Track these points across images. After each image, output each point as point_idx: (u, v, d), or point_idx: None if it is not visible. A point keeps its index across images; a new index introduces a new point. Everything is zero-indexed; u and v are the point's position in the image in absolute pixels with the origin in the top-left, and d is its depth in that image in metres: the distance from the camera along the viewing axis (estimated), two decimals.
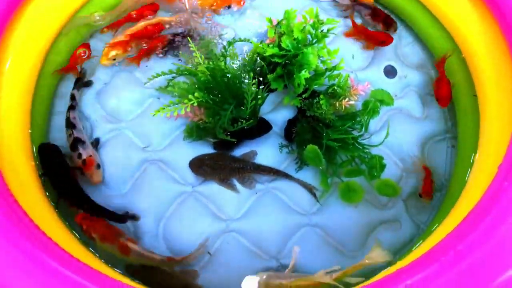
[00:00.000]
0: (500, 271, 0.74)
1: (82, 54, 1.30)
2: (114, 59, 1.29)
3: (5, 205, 0.85)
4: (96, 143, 1.22)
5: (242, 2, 1.38)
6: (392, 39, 1.31)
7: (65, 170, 1.14)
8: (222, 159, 1.18)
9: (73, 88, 1.26)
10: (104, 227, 1.08)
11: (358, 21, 1.38)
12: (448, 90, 1.23)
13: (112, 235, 1.07)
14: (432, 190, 1.17)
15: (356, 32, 1.35)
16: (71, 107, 1.22)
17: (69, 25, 1.27)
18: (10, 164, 1.00)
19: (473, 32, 1.16)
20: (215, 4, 1.36)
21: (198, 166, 1.18)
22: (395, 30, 1.35)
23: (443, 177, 1.22)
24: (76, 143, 1.16)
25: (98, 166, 1.17)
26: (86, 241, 1.08)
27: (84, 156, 1.15)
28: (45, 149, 1.16)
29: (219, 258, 1.12)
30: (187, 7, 1.28)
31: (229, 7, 1.38)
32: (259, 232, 1.14)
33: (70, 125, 1.19)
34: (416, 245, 1.02)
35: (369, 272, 1.04)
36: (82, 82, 1.28)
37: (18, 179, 0.99)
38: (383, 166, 1.11)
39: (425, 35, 1.35)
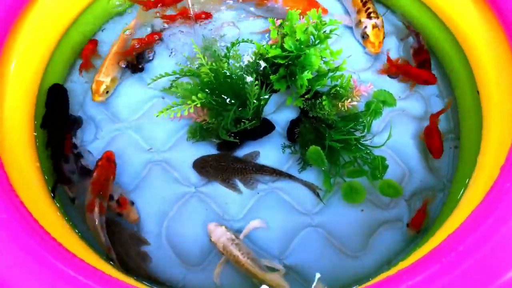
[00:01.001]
0: (501, 273, 0.74)
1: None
2: (107, 92, 1.26)
3: (10, 205, 0.86)
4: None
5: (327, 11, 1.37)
6: (435, 80, 1.25)
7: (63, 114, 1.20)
8: (225, 160, 1.18)
9: (72, 136, 1.19)
10: (104, 177, 1.10)
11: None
12: (440, 140, 1.19)
13: (97, 188, 1.08)
14: (422, 224, 1.13)
15: (394, 70, 1.31)
16: (79, 156, 1.17)
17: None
18: (15, 166, 1.01)
19: (475, 31, 1.15)
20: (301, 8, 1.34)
21: (201, 166, 1.19)
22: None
23: (445, 178, 1.21)
24: None
25: (132, 203, 1.15)
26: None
27: (116, 197, 1.12)
28: (53, 89, 1.21)
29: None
30: (189, 6, 1.29)
31: None
32: (262, 232, 1.15)
33: (87, 173, 1.14)
34: (418, 246, 1.02)
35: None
36: (77, 126, 1.24)
37: (23, 180, 1.00)
38: (385, 167, 1.11)
39: (429, 35, 1.35)
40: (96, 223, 1.05)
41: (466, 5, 1.16)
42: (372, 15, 1.32)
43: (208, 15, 1.37)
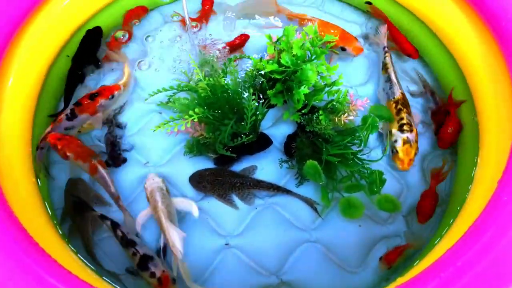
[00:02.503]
0: (500, 287, 0.74)
1: (121, 38, 1.39)
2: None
3: (5, 221, 0.85)
4: (161, 251, 1.09)
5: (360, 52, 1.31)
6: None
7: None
8: (222, 175, 1.18)
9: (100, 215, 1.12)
10: (78, 146, 1.13)
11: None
12: (432, 207, 1.14)
13: (85, 154, 1.12)
14: (394, 262, 1.08)
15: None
16: (115, 225, 1.09)
17: None
18: (11, 181, 1.00)
19: (471, 46, 1.17)
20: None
21: (198, 181, 1.18)
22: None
23: (443, 192, 1.21)
24: (146, 261, 1.03)
25: (174, 281, 1.04)
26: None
27: (158, 274, 1.02)
28: (92, 31, 1.32)
29: (218, 275, 1.11)
30: (187, 22, 1.30)
31: (343, 49, 1.31)
32: (259, 248, 1.14)
33: (128, 243, 1.06)
34: (417, 261, 1.01)
35: None
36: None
37: (19, 195, 1.00)
38: (383, 181, 1.10)
39: (425, 51, 1.37)
40: (106, 179, 1.12)
41: (460, 21, 1.19)
42: (405, 127, 1.18)
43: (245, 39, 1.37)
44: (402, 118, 1.20)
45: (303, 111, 1.16)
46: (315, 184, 1.19)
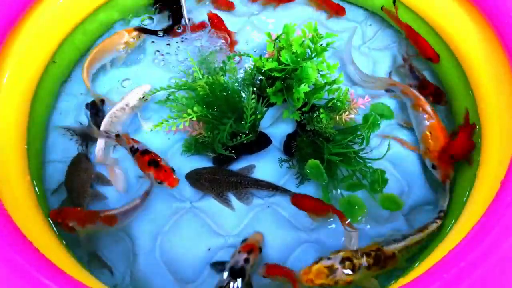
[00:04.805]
0: None
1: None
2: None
3: None
4: None
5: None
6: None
7: None
8: (220, 173, 1.16)
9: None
10: (78, 213, 1.06)
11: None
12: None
13: (89, 216, 1.06)
14: (272, 275, 0.99)
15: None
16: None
17: None
18: (5, 179, 0.99)
19: (474, 47, 1.16)
20: None
21: (196, 179, 1.17)
22: (445, 103, 1.24)
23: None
24: None
25: None
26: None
27: None
28: None
29: (217, 274, 1.09)
30: (187, 24, 1.29)
31: (434, 167, 1.17)
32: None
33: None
34: (418, 262, 1.00)
35: None
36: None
37: (13, 193, 0.99)
38: (385, 181, 1.09)
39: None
40: (129, 209, 1.08)
41: (466, 23, 1.18)
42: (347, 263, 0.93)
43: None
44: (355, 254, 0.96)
45: (303, 110, 1.14)
46: (315, 183, 1.18)
